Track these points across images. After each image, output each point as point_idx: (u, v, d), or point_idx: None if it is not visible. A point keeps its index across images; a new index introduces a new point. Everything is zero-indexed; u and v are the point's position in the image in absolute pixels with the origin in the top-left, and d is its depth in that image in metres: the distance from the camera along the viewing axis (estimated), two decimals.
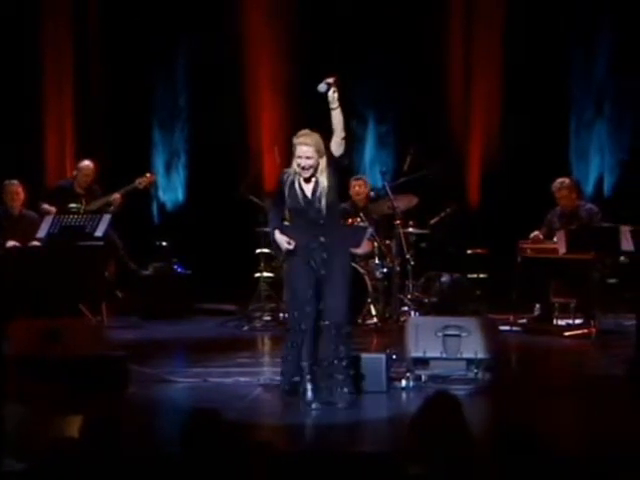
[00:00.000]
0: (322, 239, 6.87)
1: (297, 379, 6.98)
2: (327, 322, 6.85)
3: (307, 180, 6.88)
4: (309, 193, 6.88)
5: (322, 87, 6.82)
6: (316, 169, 6.85)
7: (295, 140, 6.88)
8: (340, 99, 6.78)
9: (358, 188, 11.04)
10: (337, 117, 6.80)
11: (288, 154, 11.49)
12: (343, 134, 6.83)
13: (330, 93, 6.77)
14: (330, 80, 6.81)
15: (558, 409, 7.05)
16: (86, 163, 11.13)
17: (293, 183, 6.91)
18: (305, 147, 6.82)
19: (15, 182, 10.51)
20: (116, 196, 10.87)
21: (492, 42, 12.20)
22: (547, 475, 3.70)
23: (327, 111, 6.83)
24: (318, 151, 6.81)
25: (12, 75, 11.49)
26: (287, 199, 6.94)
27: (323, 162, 6.85)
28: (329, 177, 6.84)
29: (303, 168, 6.83)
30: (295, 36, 12.27)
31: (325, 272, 6.86)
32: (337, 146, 6.86)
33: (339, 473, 4.04)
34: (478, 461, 3.76)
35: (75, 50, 12.42)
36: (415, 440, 3.92)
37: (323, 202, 6.83)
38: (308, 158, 6.81)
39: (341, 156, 6.90)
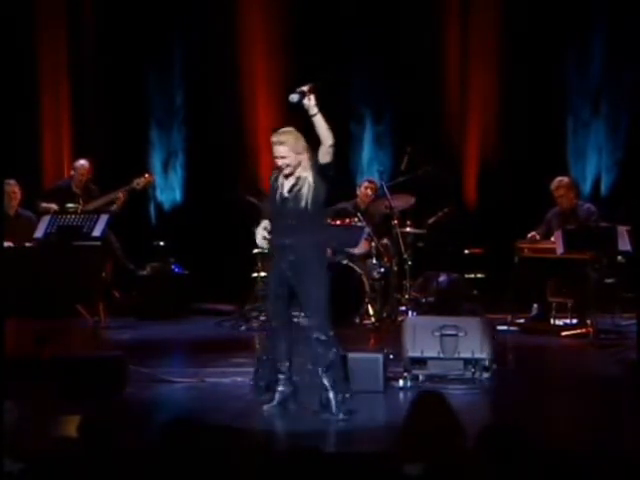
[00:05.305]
0: (287, 241, 6.54)
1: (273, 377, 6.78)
2: (305, 327, 6.66)
3: (287, 177, 6.57)
4: (286, 190, 6.57)
5: (294, 97, 6.36)
6: (297, 166, 6.53)
7: (271, 139, 6.58)
8: (319, 104, 6.34)
9: (369, 191, 11.00)
10: (318, 123, 6.39)
11: None
12: (330, 141, 6.42)
13: (305, 102, 6.36)
14: (304, 88, 6.37)
15: (555, 409, 7.06)
16: (82, 163, 11.10)
17: (277, 180, 6.65)
18: (279, 147, 6.51)
19: (12, 182, 10.44)
20: (119, 195, 10.83)
21: (488, 42, 12.19)
22: (539, 474, 3.71)
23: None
24: (294, 149, 6.48)
25: (8, 74, 11.46)
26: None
27: (305, 159, 6.52)
28: (313, 175, 6.51)
29: (280, 167, 6.57)
30: (292, 35, 12.26)
31: (292, 274, 6.56)
32: (323, 154, 6.47)
33: (336, 473, 4.04)
34: (472, 460, 3.76)
35: (71, 49, 12.39)
36: (410, 442, 3.92)
37: (303, 201, 6.50)
38: (283, 158, 6.51)
39: (327, 165, 6.50)
